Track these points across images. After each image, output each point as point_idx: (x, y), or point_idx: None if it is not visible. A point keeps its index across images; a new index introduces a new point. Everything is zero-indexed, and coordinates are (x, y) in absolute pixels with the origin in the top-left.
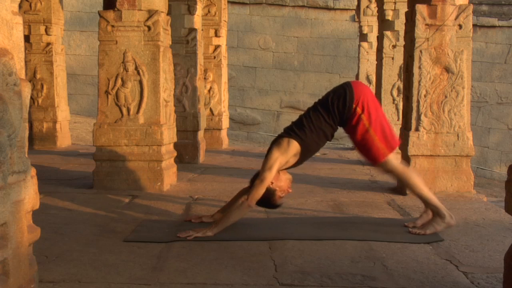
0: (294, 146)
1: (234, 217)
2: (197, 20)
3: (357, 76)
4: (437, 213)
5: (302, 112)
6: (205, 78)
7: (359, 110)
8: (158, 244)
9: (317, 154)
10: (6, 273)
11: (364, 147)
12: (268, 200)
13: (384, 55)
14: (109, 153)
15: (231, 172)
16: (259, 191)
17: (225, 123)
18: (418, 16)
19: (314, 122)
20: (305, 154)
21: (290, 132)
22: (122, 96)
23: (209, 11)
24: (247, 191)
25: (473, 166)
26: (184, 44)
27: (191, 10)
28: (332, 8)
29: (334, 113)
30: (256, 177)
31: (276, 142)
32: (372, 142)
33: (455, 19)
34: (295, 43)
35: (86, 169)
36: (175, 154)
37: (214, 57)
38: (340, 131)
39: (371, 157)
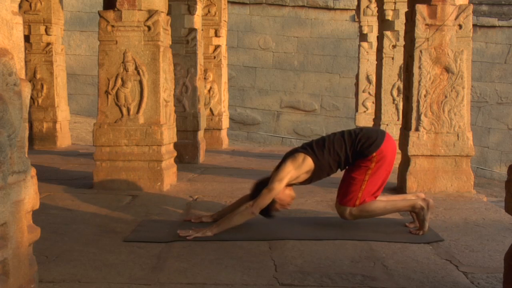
0: (309, 163)
1: (236, 221)
2: (197, 20)
3: (357, 76)
4: (415, 209)
5: (302, 112)
6: (205, 78)
7: (375, 159)
8: (158, 244)
9: None
10: (6, 273)
11: (349, 184)
12: (265, 207)
13: (384, 55)
14: (109, 153)
15: (231, 172)
16: (265, 200)
17: (225, 123)
18: (418, 16)
19: (335, 146)
20: (316, 174)
21: (308, 148)
22: (122, 96)
23: (209, 11)
24: (248, 199)
25: (473, 166)
26: (184, 44)
27: (191, 10)
28: (332, 8)
29: (355, 147)
30: (259, 184)
31: (291, 155)
32: (358, 188)
33: (455, 19)
34: (295, 43)
35: (86, 169)
36: (175, 154)
37: (214, 57)
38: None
39: (345, 195)
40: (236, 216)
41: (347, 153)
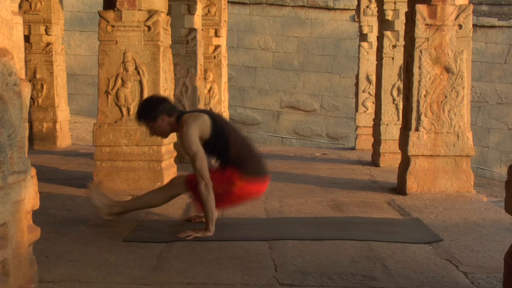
0: (206, 132)
1: (211, 205)
2: (197, 20)
3: (357, 76)
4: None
5: (302, 112)
6: (205, 78)
7: (241, 181)
8: (158, 244)
9: (317, 154)
10: (6, 273)
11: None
12: (151, 106)
13: (384, 55)
14: (109, 153)
15: None
16: (204, 168)
17: None
18: (418, 16)
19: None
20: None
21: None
22: (122, 96)
23: (209, 11)
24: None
25: (473, 166)
26: (184, 44)
27: (191, 10)
28: (332, 8)
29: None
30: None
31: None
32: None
33: (455, 19)
34: (295, 43)
35: (86, 169)
36: (175, 154)
37: (214, 57)
38: (342, 131)
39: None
40: (208, 202)
41: (228, 154)
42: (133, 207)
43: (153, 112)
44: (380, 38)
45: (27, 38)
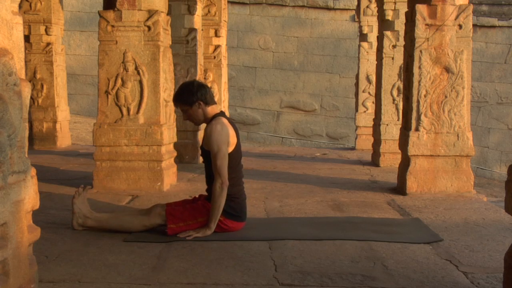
0: (233, 140)
1: (219, 204)
2: (197, 20)
3: (357, 76)
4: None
5: (302, 112)
6: (205, 78)
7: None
8: (158, 244)
9: (317, 154)
10: (6, 273)
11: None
12: (190, 91)
13: (384, 55)
14: (109, 153)
15: None
16: (224, 167)
17: None
18: (418, 16)
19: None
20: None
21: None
22: (122, 96)
23: (209, 11)
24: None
25: (473, 166)
26: (184, 44)
27: (191, 10)
28: (332, 8)
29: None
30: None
31: (219, 121)
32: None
33: (455, 19)
34: (295, 43)
35: (86, 169)
36: (175, 154)
37: (214, 57)
38: (342, 131)
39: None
40: (218, 200)
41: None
42: (108, 226)
43: (191, 97)
44: (380, 38)
45: (27, 38)
